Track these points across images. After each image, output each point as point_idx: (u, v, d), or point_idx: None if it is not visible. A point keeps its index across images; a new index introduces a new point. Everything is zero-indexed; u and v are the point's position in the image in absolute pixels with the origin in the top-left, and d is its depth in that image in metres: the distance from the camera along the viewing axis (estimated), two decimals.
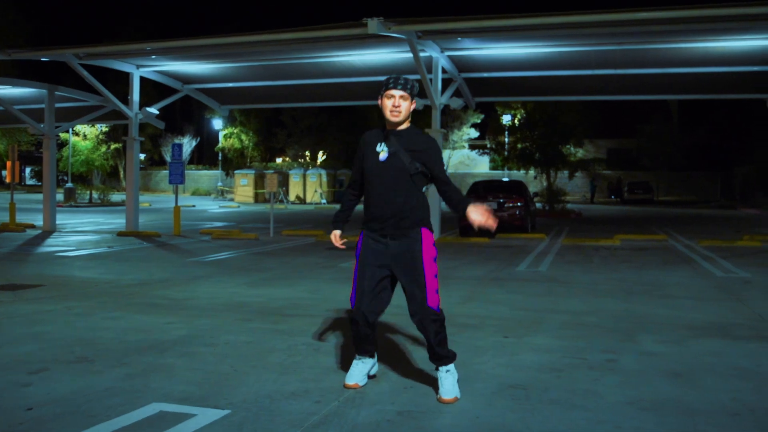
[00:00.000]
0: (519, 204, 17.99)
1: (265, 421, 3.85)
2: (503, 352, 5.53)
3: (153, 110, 18.83)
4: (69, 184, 37.42)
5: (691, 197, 49.70)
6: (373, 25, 13.14)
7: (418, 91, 4.52)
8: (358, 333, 4.43)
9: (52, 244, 15.18)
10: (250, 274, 10.60)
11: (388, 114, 4.35)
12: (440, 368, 4.37)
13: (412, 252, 4.32)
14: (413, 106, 4.39)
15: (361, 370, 4.58)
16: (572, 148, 35.87)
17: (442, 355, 4.34)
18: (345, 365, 5.03)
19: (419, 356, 5.33)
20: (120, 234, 17.69)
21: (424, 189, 4.41)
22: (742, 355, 5.57)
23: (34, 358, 5.23)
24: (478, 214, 4.25)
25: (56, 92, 19.49)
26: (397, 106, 4.31)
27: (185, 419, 3.84)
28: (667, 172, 50.55)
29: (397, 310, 7.22)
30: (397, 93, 4.32)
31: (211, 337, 6.09)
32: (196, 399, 4.24)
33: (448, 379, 4.33)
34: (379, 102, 4.42)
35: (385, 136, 4.41)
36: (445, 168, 4.50)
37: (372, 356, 4.62)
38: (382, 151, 4.36)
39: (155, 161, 59.12)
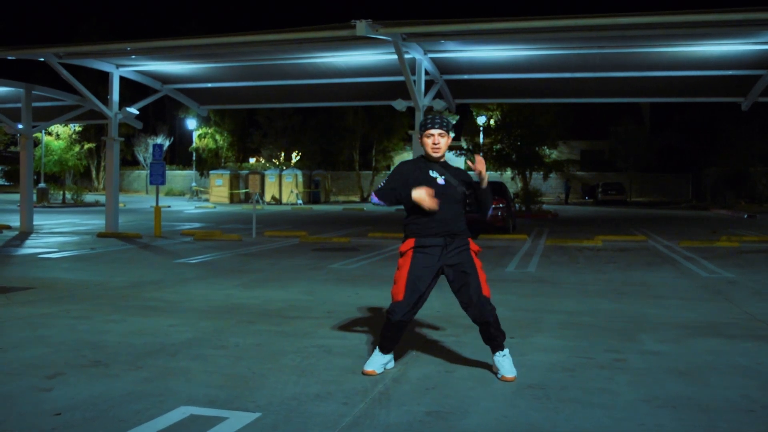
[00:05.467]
0: (501, 205, 18.16)
1: (298, 422, 3.88)
2: (512, 352, 5.58)
3: (133, 110, 18.64)
4: (42, 184, 36.81)
5: (662, 198, 50.51)
6: (362, 27, 13.20)
7: (452, 127, 5.10)
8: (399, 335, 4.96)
9: (33, 246, 14.99)
10: (240, 275, 10.59)
11: (429, 151, 4.94)
12: (497, 353, 4.95)
13: (468, 252, 4.92)
14: (450, 141, 4.97)
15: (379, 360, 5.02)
16: (547, 150, 36.33)
17: (501, 338, 4.95)
18: (361, 367, 5.08)
19: (430, 359, 5.41)
20: (100, 235, 17.52)
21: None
22: (740, 353, 5.72)
23: (46, 363, 5.20)
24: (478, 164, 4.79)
25: (33, 91, 19.22)
26: (437, 143, 4.91)
27: (218, 422, 3.86)
28: (638, 174, 51.33)
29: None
30: (435, 132, 4.90)
31: (218, 339, 6.10)
32: (222, 402, 4.26)
33: (507, 360, 4.94)
34: (420, 140, 5.03)
35: (429, 165, 4.96)
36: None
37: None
38: (438, 177, 4.91)
39: (128, 161, 58.44)
